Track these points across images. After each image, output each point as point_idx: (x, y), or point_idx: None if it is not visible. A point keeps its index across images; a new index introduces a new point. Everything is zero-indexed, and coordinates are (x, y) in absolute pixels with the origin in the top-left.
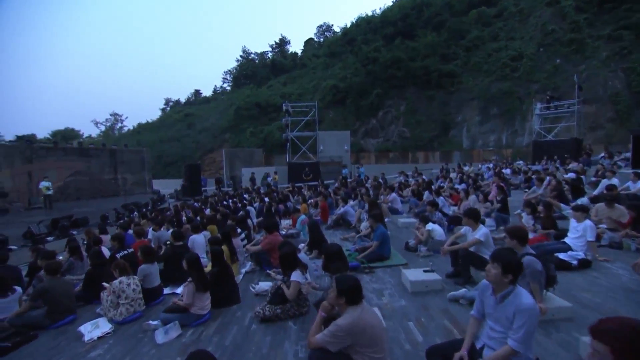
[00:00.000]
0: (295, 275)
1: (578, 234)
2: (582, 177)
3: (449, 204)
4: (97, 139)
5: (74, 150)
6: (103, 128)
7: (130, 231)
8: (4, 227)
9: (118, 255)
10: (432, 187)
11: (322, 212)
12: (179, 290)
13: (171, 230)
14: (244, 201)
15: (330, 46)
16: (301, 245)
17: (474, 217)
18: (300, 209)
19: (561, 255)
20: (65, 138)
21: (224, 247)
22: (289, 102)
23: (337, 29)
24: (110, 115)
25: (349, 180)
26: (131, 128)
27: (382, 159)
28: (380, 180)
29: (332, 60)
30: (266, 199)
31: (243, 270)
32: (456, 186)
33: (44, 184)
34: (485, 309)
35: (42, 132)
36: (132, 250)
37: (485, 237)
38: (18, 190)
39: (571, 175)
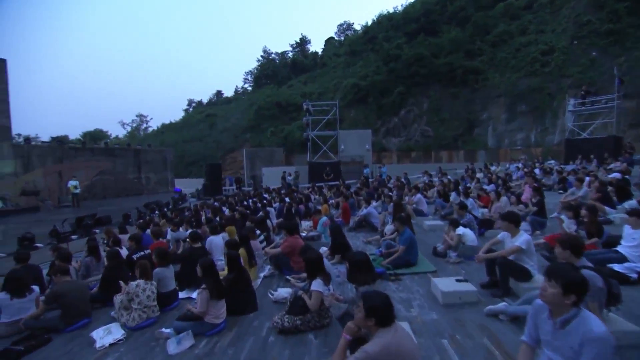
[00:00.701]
0: (317, 285)
1: (634, 242)
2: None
3: (478, 206)
4: (123, 140)
5: (100, 150)
6: (129, 129)
7: (149, 231)
8: (35, 225)
9: (135, 256)
10: (460, 187)
11: (343, 214)
12: (195, 294)
13: (189, 231)
14: (264, 201)
15: (351, 44)
16: (322, 249)
17: (514, 222)
18: (321, 209)
19: (616, 267)
20: (94, 139)
21: (241, 251)
22: (309, 101)
23: (357, 27)
24: (136, 116)
25: (370, 180)
26: (155, 128)
27: (404, 158)
28: (403, 180)
29: (353, 59)
30: (287, 199)
31: (261, 275)
32: (484, 187)
33: (71, 182)
34: (540, 335)
35: (74, 134)
36: (149, 251)
37: (527, 244)
38: (49, 188)
39: (616, 175)
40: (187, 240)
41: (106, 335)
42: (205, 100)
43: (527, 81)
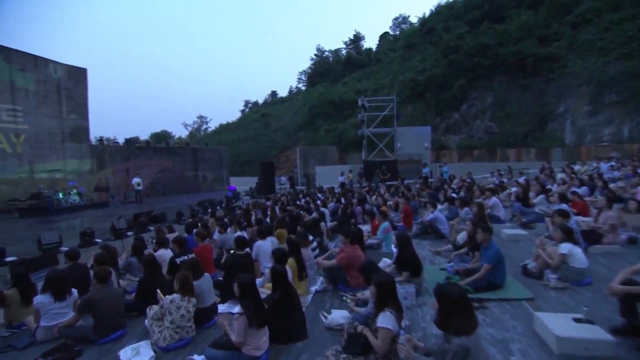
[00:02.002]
0: (387, 320)
1: None
2: None
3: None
4: (184, 140)
5: (162, 149)
6: (190, 130)
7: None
8: (104, 219)
9: (178, 261)
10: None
11: (404, 218)
12: (237, 309)
13: (237, 233)
14: (317, 201)
15: (407, 38)
16: (385, 262)
17: None
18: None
19: None
20: (159, 139)
21: (290, 261)
22: (364, 96)
23: (414, 19)
24: (197, 118)
25: (430, 180)
26: (213, 129)
27: (465, 157)
28: (469, 180)
29: (409, 53)
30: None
31: (313, 289)
32: (573, 189)
33: (135, 180)
34: None
35: (144, 134)
36: (193, 255)
37: None
38: (118, 185)
39: None
40: (232, 250)
41: (134, 356)
42: (260, 101)
43: (619, 66)
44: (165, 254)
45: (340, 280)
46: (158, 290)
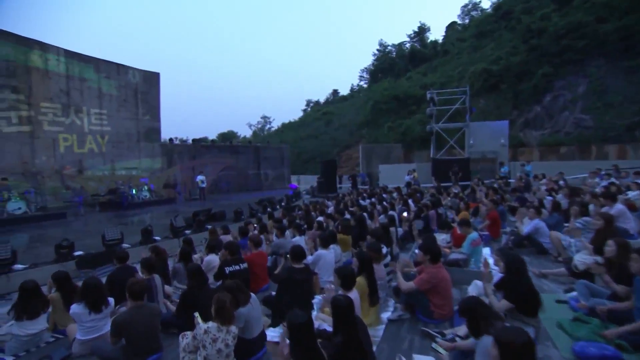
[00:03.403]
0: None
1: None
2: None
3: None
4: (248, 139)
5: (225, 147)
6: (254, 129)
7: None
8: (169, 215)
9: (227, 270)
10: None
11: (491, 225)
12: None
13: (297, 238)
14: (384, 202)
15: (478, 25)
16: (476, 285)
17: None
18: (459, 217)
19: None
20: (225, 138)
21: (359, 281)
22: (433, 89)
23: (486, 4)
24: (261, 118)
25: (510, 180)
26: (276, 128)
27: (549, 154)
28: (562, 182)
29: (481, 42)
30: (412, 203)
31: (385, 317)
32: None
33: (199, 177)
34: None
35: (212, 134)
36: (245, 265)
37: None
38: (184, 182)
39: None
40: (286, 256)
41: None
42: (322, 100)
43: None
44: (215, 260)
45: (421, 307)
46: (196, 315)
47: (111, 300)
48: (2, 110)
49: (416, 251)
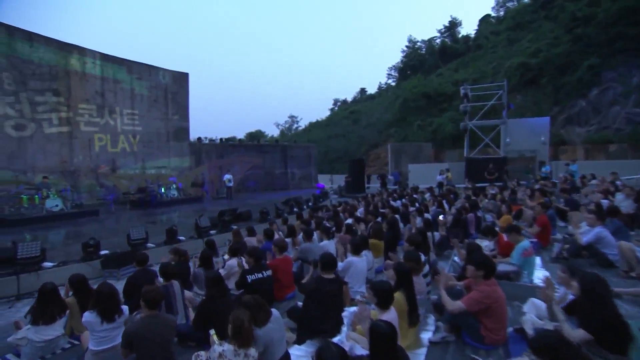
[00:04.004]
0: None
1: None
2: None
3: None
4: (275, 138)
5: (252, 146)
6: (282, 129)
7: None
8: (195, 214)
9: (249, 279)
10: None
11: (541, 233)
12: None
13: (325, 242)
14: (417, 204)
15: (515, 17)
16: (534, 305)
17: None
18: (503, 222)
19: None
20: (253, 138)
21: (398, 297)
22: (468, 84)
23: None
24: (288, 117)
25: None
26: (303, 127)
27: (595, 153)
28: (619, 184)
29: (517, 34)
30: (447, 205)
31: (426, 339)
32: None
33: (226, 176)
34: None
35: (240, 134)
36: (269, 273)
37: None
38: (212, 181)
39: None
40: (314, 262)
41: None
42: (349, 99)
43: None
44: (242, 263)
45: (469, 329)
46: (212, 333)
47: (125, 308)
48: (44, 112)
49: (455, 259)
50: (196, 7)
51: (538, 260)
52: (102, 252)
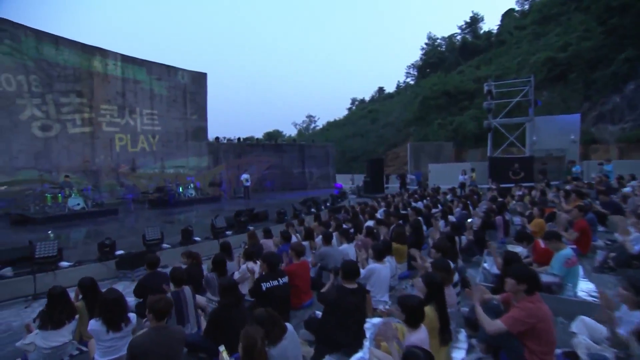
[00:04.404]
0: None
1: None
2: None
3: None
4: (293, 138)
5: (270, 146)
6: (299, 128)
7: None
8: (213, 213)
9: (264, 287)
10: None
11: (581, 239)
12: None
13: (344, 246)
14: (439, 205)
15: (541, 10)
16: (584, 323)
17: None
18: (534, 227)
19: None
20: (270, 137)
21: (429, 312)
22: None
23: None
24: (306, 117)
25: (585, 182)
26: (320, 126)
27: (630, 152)
28: None
29: (544, 28)
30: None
31: (459, 359)
32: None
33: (244, 176)
34: None
35: (259, 134)
36: (285, 280)
37: None
38: (229, 181)
39: None
40: (334, 271)
41: None
42: (367, 98)
43: None
44: (252, 269)
45: (510, 352)
46: (221, 349)
47: (133, 316)
48: (68, 113)
49: (485, 265)
50: (215, 8)
51: (580, 270)
52: (118, 253)
